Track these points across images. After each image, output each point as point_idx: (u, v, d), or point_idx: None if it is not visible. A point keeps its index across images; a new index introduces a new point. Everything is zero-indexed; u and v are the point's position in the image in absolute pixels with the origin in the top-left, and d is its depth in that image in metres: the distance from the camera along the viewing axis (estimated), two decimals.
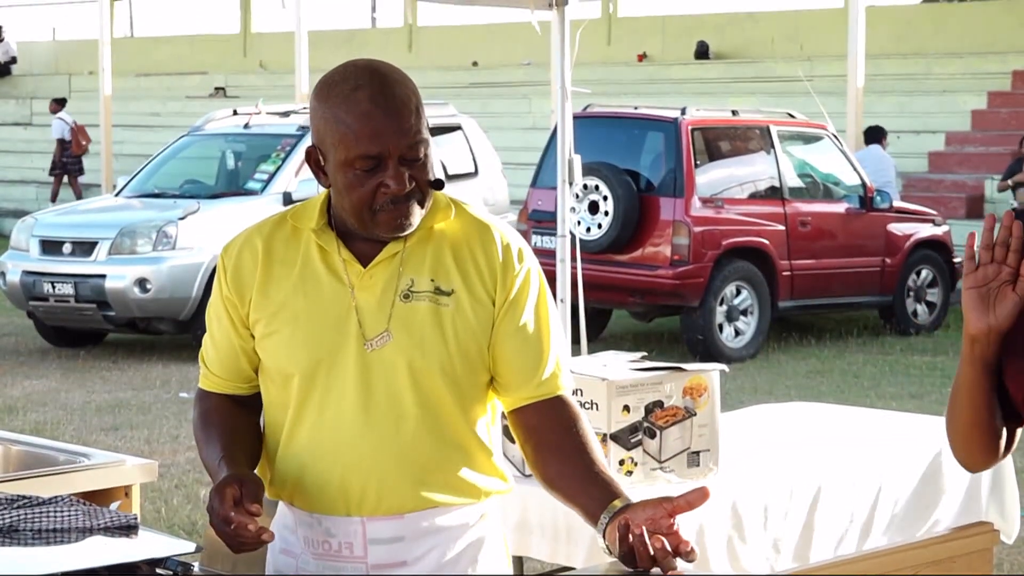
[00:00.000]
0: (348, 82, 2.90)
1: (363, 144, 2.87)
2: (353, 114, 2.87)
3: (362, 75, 2.91)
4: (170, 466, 9.10)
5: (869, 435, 5.57)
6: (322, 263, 3.00)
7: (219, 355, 3.11)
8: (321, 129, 2.94)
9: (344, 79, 2.92)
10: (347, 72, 2.93)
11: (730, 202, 13.99)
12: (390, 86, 2.90)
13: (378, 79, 2.90)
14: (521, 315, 3.01)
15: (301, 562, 3.04)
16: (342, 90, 2.90)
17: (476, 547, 3.06)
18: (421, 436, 2.97)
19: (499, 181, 15.91)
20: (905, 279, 15.11)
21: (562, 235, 8.02)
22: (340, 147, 2.90)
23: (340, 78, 2.93)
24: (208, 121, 15.84)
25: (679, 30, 29.33)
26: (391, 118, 2.87)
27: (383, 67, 2.95)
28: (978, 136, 22.46)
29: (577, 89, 8.25)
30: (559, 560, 4.62)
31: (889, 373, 12.90)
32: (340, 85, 2.91)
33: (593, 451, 3.00)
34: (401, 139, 2.88)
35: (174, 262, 13.42)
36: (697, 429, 4.71)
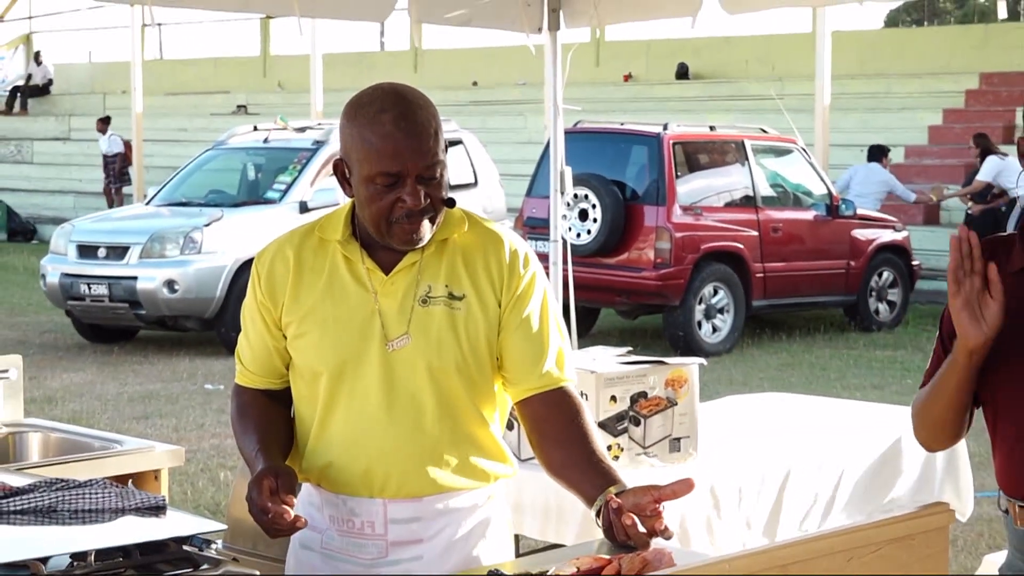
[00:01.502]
0: (375, 104, 2.93)
1: (385, 162, 2.90)
2: (377, 134, 2.90)
3: (388, 98, 2.93)
4: (196, 451, 9.09)
5: (834, 423, 5.58)
6: (348, 271, 3.03)
7: (254, 354, 3.14)
8: (348, 145, 2.97)
9: (372, 101, 2.94)
10: (375, 95, 2.96)
11: (708, 210, 13.98)
12: (413, 111, 2.92)
13: (403, 103, 2.92)
14: (525, 313, 3.04)
15: (326, 537, 3.07)
16: (369, 111, 2.92)
17: (484, 525, 3.09)
18: (438, 428, 3.00)
19: (497, 191, 15.92)
20: (868, 280, 15.11)
21: (554, 240, 8.01)
22: (364, 163, 2.92)
23: (368, 100, 2.95)
24: (231, 136, 15.86)
25: (661, 53, 29.31)
26: (411, 140, 2.90)
27: (408, 92, 2.97)
28: (935, 150, 22.45)
29: (568, 107, 8.25)
30: (551, 537, 4.62)
31: (853, 366, 12.89)
32: (368, 107, 2.93)
33: (594, 441, 3.02)
34: (419, 160, 2.90)
35: (200, 265, 13.42)
36: (678, 418, 4.71)
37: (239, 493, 3.71)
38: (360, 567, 3.03)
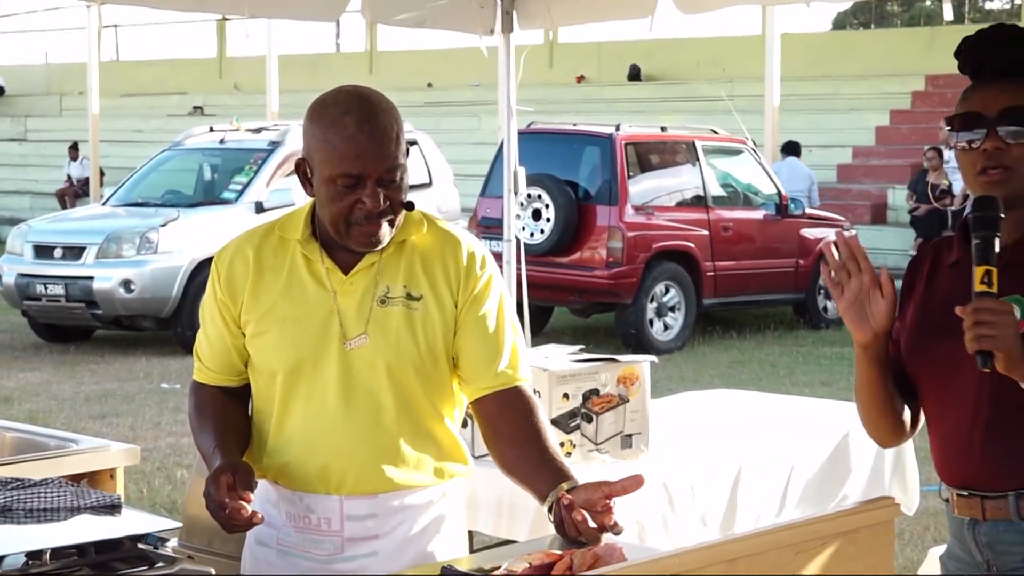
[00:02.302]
0: (339, 106, 2.93)
1: (346, 164, 2.90)
2: (340, 136, 2.90)
3: (352, 101, 2.93)
4: (152, 450, 9.04)
5: (784, 419, 5.60)
6: (307, 271, 3.03)
7: (212, 351, 3.13)
8: (311, 145, 2.97)
9: (335, 103, 2.94)
10: (339, 96, 2.96)
11: (659, 209, 14.02)
12: (376, 114, 2.92)
13: (366, 106, 2.93)
14: (481, 313, 3.05)
15: (283, 534, 3.07)
16: (332, 113, 2.92)
17: (439, 522, 3.09)
18: (396, 427, 3.00)
19: (451, 191, 15.92)
20: (816, 278, 15.16)
21: (508, 240, 8.01)
22: (326, 164, 2.92)
23: (332, 101, 2.95)
24: (187, 137, 15.81)
25: (613, 55, 29.38)
26: (374, 143, 2.90)
27: (372, 95, 2.97)
28: (881, 150, 22.60)
29: (521, 108, 8.24)
30: (504, 534, 4.62)
31: (802, 363, 12.95)
32: (331, 108, 2.93)
33: (547, 438, 3.03)
34: (380, 163, 2.91)
35: (156, 265, 13.36)
36: (629, 414, 4.72)
37: (195, 491, 3.69)
38: (316, 563, 3.03)
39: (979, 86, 2.90)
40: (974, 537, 2.94)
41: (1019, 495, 2.86)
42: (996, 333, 2.64)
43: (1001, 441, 2.85)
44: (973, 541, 2.95)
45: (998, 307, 2.67)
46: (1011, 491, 2.86)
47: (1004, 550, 2.90)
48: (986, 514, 2.90)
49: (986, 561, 2.94)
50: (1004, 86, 2.86)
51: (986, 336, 2.65)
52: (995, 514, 2.89)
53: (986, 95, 2.87)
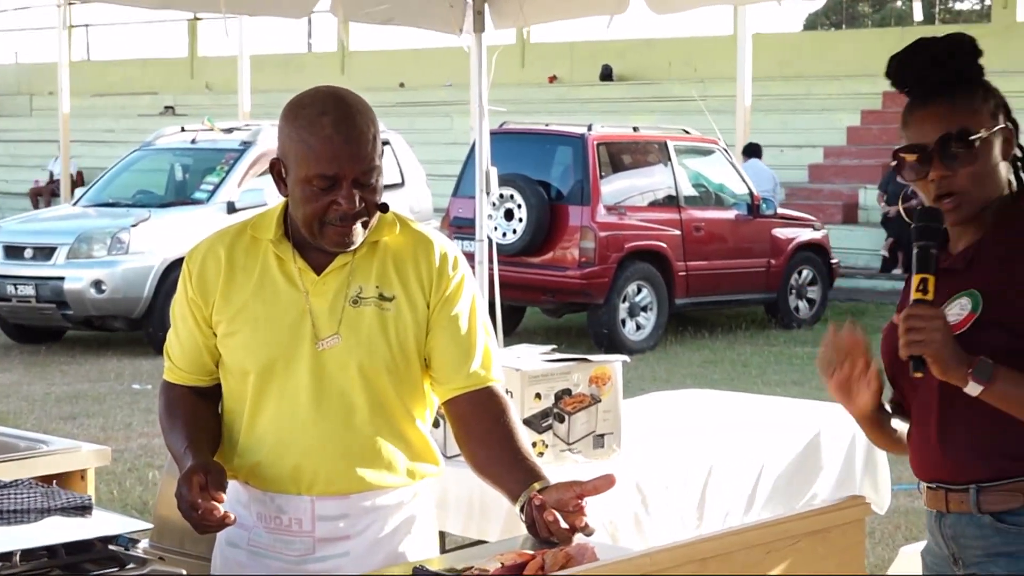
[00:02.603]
0: (316, 107, 2.92)
1: (322, 165, 2.89)
2: (317, 136, 2.89)
3: (328, 102, 2.93)
4: (123, 451, 9.02)
5: (756, 418, 5.61)
6: (279, 271, 3.02)
7: (183, 351, 3.12)
8: (286, 146, 2.96)
9: (312, 103, 2.93)
10: (316, 97, 2.95)
11: (631, 209, 14.04)
12: (353, 115, 2.92)
13: (343, 107, 2.92)
14: (453, 314, 3.05)
15: (253, 535, 3.06)
16: (309, 113, 2.91)
17: (410, 523, 3.09)
18: (368, 427, 3.00)
19: (423, 191, 15.91)
20: (788, 278, 15.23)
21: (480, 240, 8.01)
22: (301, 164, 2.91)
23: (309, 102, 2.94)
24: (158, 137, 15.77)
25: (585, 55, 29.42)
26: (350, 145, 2.89)
27: (349, 96, 2.97)
28: (853, 150, 22.68)
29: (494, 108, 8.24)
30: (476, 534, 4.62)
31: (774, 362, 12.98)
32: (308, 109, 2.92)
33: (519, 439, 3.03)
34: (357, 165, 2.90)
35: (127, 265, 13.32)
36: (602, 414, 4.72)
37: (166, 492, 3.68)
38: (287, 564, 3.02)
39: (914, 109, 2.95)
40: (940, 530, 3.00)
41: (979, 488, 2.91)
42: (924, 338, 2.76)
43: (961, 436, 2.91)
44: (940, 534, 3.01)
45: (927, 314, 2.78)
46: (972, 484, 2.92)
47: (967, 543, 2.96)
48: (949, 506, 2.96)
49: (952, 554, 2.99)
50: (939, 109, 2.91)
51: (915, 342, 2.77)
52: (958, 507, 2.94)
53: (922, 122, 2.92)
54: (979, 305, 2.87)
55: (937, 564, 3.06)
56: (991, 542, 2.91)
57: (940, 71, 2.91)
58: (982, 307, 2.87)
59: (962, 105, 2.90)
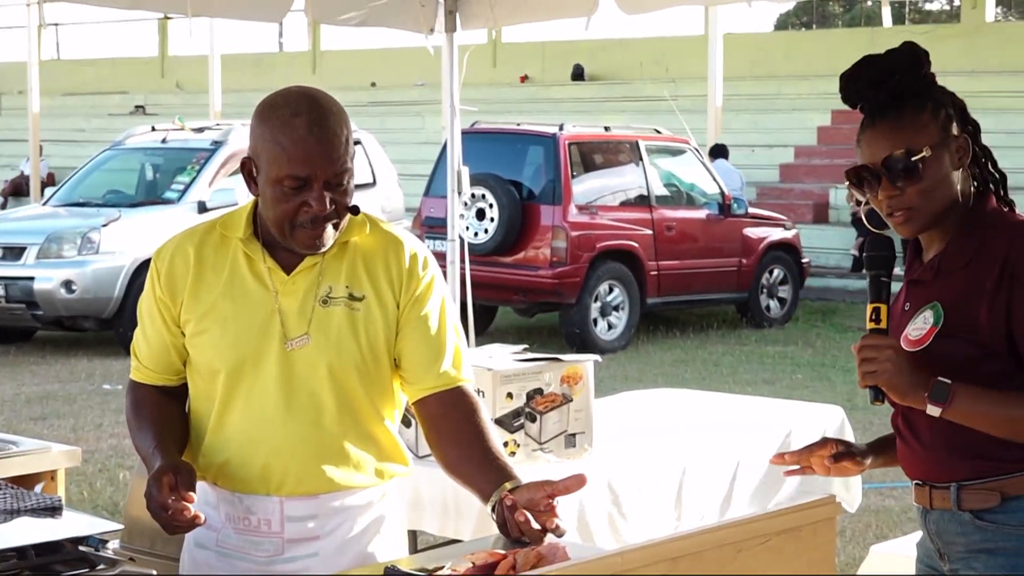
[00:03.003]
0: (289, 107, 2.91)
1: (294, 166, 2.88)
2: (289, 138, 2.88)
3: (302, 103, 2.92)
4: (94, 452, 8.98)
5: (728, 418, 5.62)
6: (248, 270, 3.01)
7: (151, 350, 3.10)
8: (258, 145, 2.95)
9: (286, 104, 2.92)
10: (289, 97, 2.94)
11: (603, 209, 14.05)
12: (326, 117, 2.91)
13: (317, 109, 2.91)
14: (423, 314, 3.04)
15: (222, 536, 3.05)
16: (282, 114, 2.90)
17: (379, 523, 3.08)
18: (337, 427, 2.99)
19: (395, 191, 15.90)
20: (759, 277, 15.26)
21: (452, 239, 8.01)
22: (273, 165, 2.90)
23: (282, 102, 2.93)
24: (128, 136, 15.72)
25: (557, 54, 29.42)
26: (323, 146, 2.88)
27: (322, 98, 2.96)
28: (823, 150, 22.75)
29: (465, 107, 8.24)
30: (449, 533, 4.62)
31: (745, 362, 13.01)
32: (281, 109, 2.91)
33: (490, 438, 3.03)
34: (329, 167, 2.89)
35: (97, 265, 13.28)
36: (573, 414, 4.72)
37: (137, 493, 3.67)
38: (256, 565, 3.01)
39: (864, 129, 3.00)
40: (926, 525, 3.07)
41: (960, 486, 2.96)
42: (877, 368, 2.84)
43: (944, 435, 2.95)
44: (926, 529, 3.08)
45: (879, 343, 2.86)
46: (953, 482, 2.97)
47: (950, 540, 3.02)
48: (933, 503, 3.02)
49: (937, 549, 3.06)
50: (884, 129, 2.96)
51: (868, 372, 2.85)
52: (941, 504, 3.00)
53: (869, 143, 2.98)
54: (940, 318, 2.91)
55: (927, 557, 3.14)
56: (972, 539, 2.97)
57: (882, 90, 2.96)
58: (943, 319, 2.92)
59: (908, 122, 2.94)
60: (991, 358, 2.86)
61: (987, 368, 2.86)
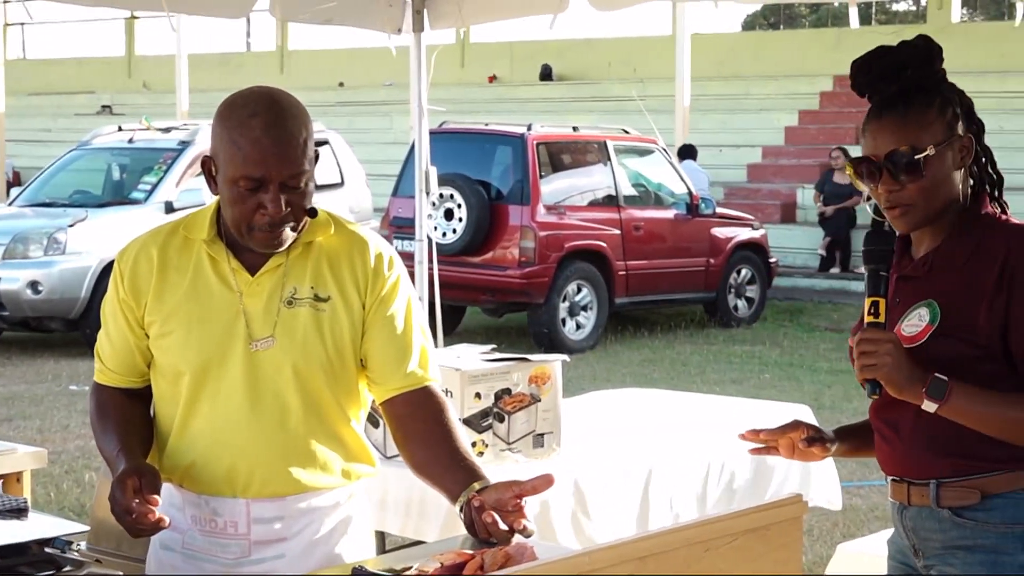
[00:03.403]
0: (248, 107, 2.90)
1: (249, 167, 2.87)
2: (246, 138, 2.87)
3: (261, 103, 2.90)
4: (61, 453, 8.94)
5: (696, 417, 5.63)
6: (213, 271, 2.99)
7: (115, 352, 3.08)
8: (217, 145, 2.94)
9: (245, 104, 2.91)
10: (249, 98, 2.93)
11: (571, 209, 14.06)
12: (284, 118, 2.89)
13: (275, 109, 2.90)
14: (389, 314, 3.03)
15: (188, 538, 3.03)
16: (241, 114, 2.89)
17: (346, 524, 3.07)
18: (303, 428, 2.98)
19: (363, 191, 15.87)
20: (727, 277, 15.30)
21: (420, 239, 8.00)
22: (230, 165, 2.89)
23: (242, 102, 2.92)
24: (95, 136, 15.64)
25: (525, 55, 29.43)
26: (278, 148, 2.87)
27: (283, 98, 2.94)
28: (791, 150, 22.81)
29: (433, 108, 8.24)
30: (416, 534, 4.61)
31: (713, 361, 13.04)
32: (240, 109, 2.90)
33: (457, 438, 3.02)
34: (284, 169, 2.88)
35: (64, 266, 13.22)
36: (541, 414, 4.72)
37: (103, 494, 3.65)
38: (222, 567, 3.00)
39: (870, 119, 3.00)
40: (902, 521, 3.08)
41: (939, 483, 2.98)
42: (876, 362, 2.83)
43: (926, 433, 2.97)
44: (902, 525, 3.09)
45: (878, 337, 2.85)
46: (933, 479, 2.99)
47: (926, 536, 3.03)
48: (911, 499, 3.04)
49: (912, 545, 3.07)
50: (891, 122, 2.95)
51: (867, 366, 2.84)
52: (919, 500, 3.02)
53: (875, 135, 2.98)
54: (937, 317, 2.92)
55: (900, 554, 3.15)
56: (949, 535, 2.98)
57: (893, 83, 2.96)
58: (940, 317, 2.92)
59: (914, 119, 2.94)
60: (986, 359, 2.88)
61: (981, 369, 2.87)
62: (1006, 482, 2.93)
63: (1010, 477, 2.93)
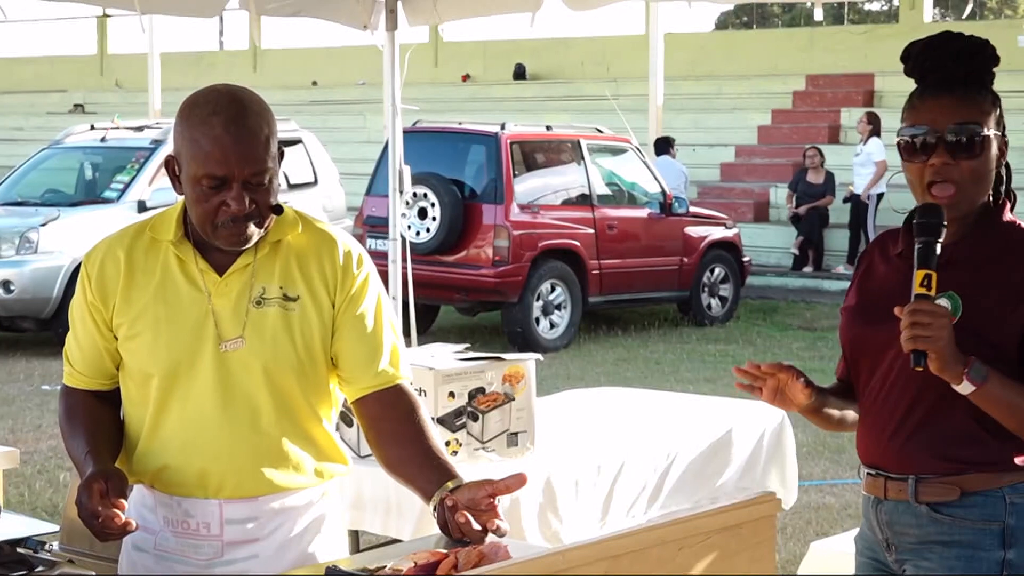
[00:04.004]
0: (208, 105, 2.89)
1: (211, 165, 2.86)
2: (207, 136, 2.86)
3: (222, 101, 2.90)
4: (33, 453, 8.91)
5: (669, 416, 5.64)
6: (180, 272, 2.98)
7: (83, 355, 3.07)
8: (179, 143, 2.93)
9: (206, 102, 2.90)
10: (210, 96, 2.92)
11: (545, 208, 14.06)
12: (245, 116, 2.88)
13: (236, 107, 2.89)
14: (359, 313, 3.02)
15: (160, 539, 3.02)
16: (202, 112, 2.88)
17: (319, 523, 3.07)
18: (275, 428, 2.97)
19: (337, 190, 15.85)
20: (700, 276, 15.31)
21: (394, 238, 8.00)
22: (192, 163, 2.88)
23: (203, 100, 2.91)
24: (67, 135, 15.58)
25: (499, 54, 29.42)
26: (240, 145, 2.86)
27: (244, 96, 2.93)
28: (764, 149, 22.86)
29: (407, 107, 8.24)
30: (390, 532, 4.61)
31: (687, 360, 13.05)
32: (201, 107, 2.89)
33: (430, 437, 3.02)
34: (246, 166, 2.87)
35: (36, 265, 13.16)
36: (515, 412, 4.73)
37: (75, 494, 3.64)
38: (195, 568, 2.99)
39: (927, 96, 2.98)
40: (876, 515, 3.08)
41: (919, 479, 2.99)
42: (931, 334, 2.79)
43: (910, 428, 2.99)
44: (876, 519, 3.09)
45: (935, 310, 2.81)
46: (912, 475, 3.00)
47: (901, 530, 3.04)
48: (888, 494, 3.04)
49: (885, 539, 3.08)
50: (952, 100, 2.96)
51: (920, 336, 2.80)
52: (896, 495, 3.03)
53: (935, 108, 2.96)
54: (959, 309, 2.92)
55: (869, 549, 3.15)
56: (926, 531, 3.00)
57: (963, 66, 2.97)
58: (961, 311, 2.92)
59: (976, 102, 2.96)
60: (997, 360, 2.88)
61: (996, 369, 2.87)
62: (985, 480, 2.95)
63: (989, 476, 2.95)
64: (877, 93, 23.13)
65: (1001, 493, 2.95)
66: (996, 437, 2.95)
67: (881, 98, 22.88)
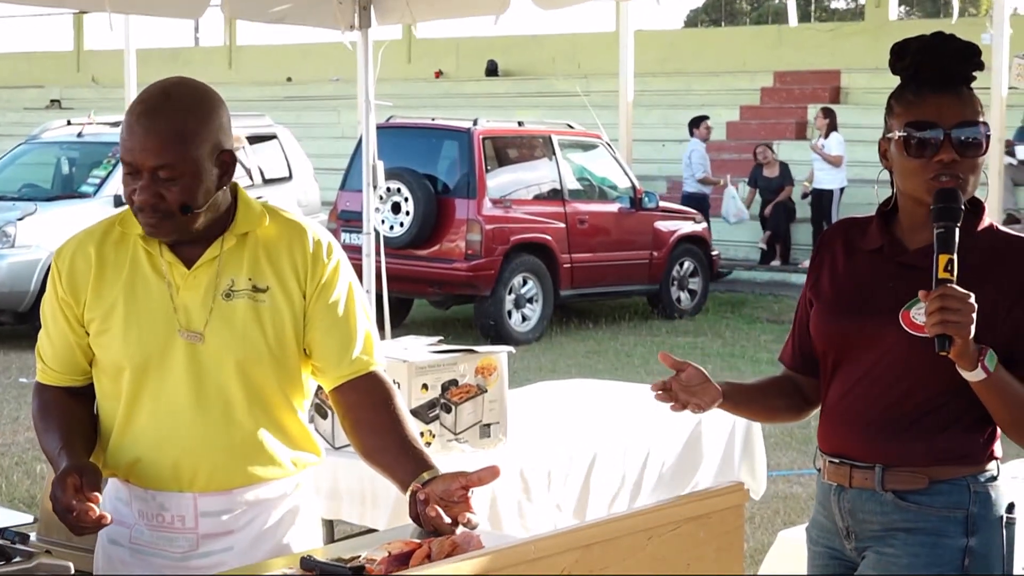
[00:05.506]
0: (143, 95, 2.91)
1: (123, 152, 2.90)
2: (126, 124, 2.90)
3: (154, 93, 2.91)
4: (10, 445, 8.88)
5: (639, 407, 5.65)
6: (149, 266, 2.97)
7: (55, 351, 3.06)
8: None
9: (146, 92, 2.93)
10: (153, 87, 2.94)
11: (517, 203, 14.06)
12: (164, 109, 2.88)
13: (158, 100, 2.89)
14: (331, 301, 3.01)
15: (135, 532, 3.01)
16: (135, 102, 2.91)
17: (293, 514, 3.06)
18: (248, 420, 2.96)
19: (311, 184, 15.84)
20: (670, 270, 15.34)
21: (367, 232, 8.00)
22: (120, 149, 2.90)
23: (146, 91, 2.93)
24: (44, 131, 15.55)
25: (471, 50, 29.40)
26: (147, 138, 2.86)
27: (177, 91, 2.92)
28: (732, 145, 22.90)
29: (380, 102, 8.23)
30: (366, 522, 4.61)
31: (656, 352, 13.03)
32: (138, 97, 2.92)
33: (406, 426, 3.01)
34: (149, 159, 2.87)
35: (13, 259, 13.11)
36: (488, 404, 4.74)
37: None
38: (170, 560, 2.98)
39: (928, 94, 2.98)
40: (838, 503, 3.08)
41: (886, 468, 2.99)
42: (960, 319, 2.78)
43: (879, 417, 3.00)
44: (837, 507, 3.08)
45: (963, 295, 2.79)
46: (879, 463, 3.00)
47: (864, 518, 3.04)
48: (852, 482, 3.04)
49: (846, 527, 3.08)
50: (955, 98, 2.97)
51: (951, 322, 2.78)
52: (861, 483, 3.03)
53: (939, 105, 2.97)
54: None
55: (824, 538, 3.15)
56: (891, 518, 3.00)
57: (962, 66, 2.98)
58: None
59: (973, 102, 2.99)
60: None
61: None
62: (951, 470, 2.97)
63: (956, 466, 2.97)
64: (843, 90, 23.19)
65: (965, 482, 2.97)
66: (967, 431, 2.97)
67: (847, 95, 22.94)
